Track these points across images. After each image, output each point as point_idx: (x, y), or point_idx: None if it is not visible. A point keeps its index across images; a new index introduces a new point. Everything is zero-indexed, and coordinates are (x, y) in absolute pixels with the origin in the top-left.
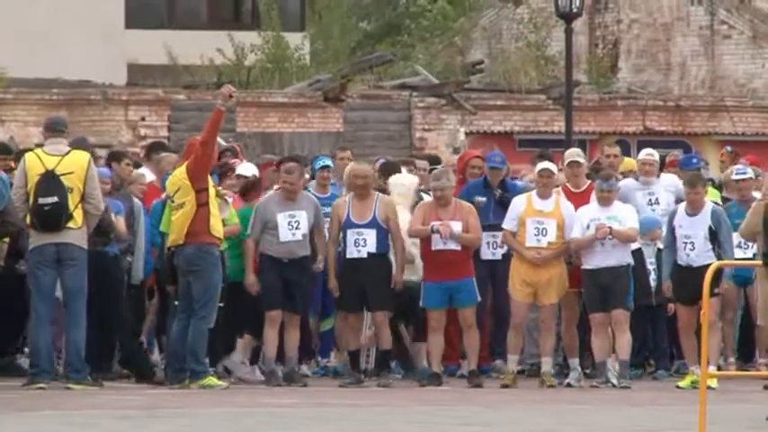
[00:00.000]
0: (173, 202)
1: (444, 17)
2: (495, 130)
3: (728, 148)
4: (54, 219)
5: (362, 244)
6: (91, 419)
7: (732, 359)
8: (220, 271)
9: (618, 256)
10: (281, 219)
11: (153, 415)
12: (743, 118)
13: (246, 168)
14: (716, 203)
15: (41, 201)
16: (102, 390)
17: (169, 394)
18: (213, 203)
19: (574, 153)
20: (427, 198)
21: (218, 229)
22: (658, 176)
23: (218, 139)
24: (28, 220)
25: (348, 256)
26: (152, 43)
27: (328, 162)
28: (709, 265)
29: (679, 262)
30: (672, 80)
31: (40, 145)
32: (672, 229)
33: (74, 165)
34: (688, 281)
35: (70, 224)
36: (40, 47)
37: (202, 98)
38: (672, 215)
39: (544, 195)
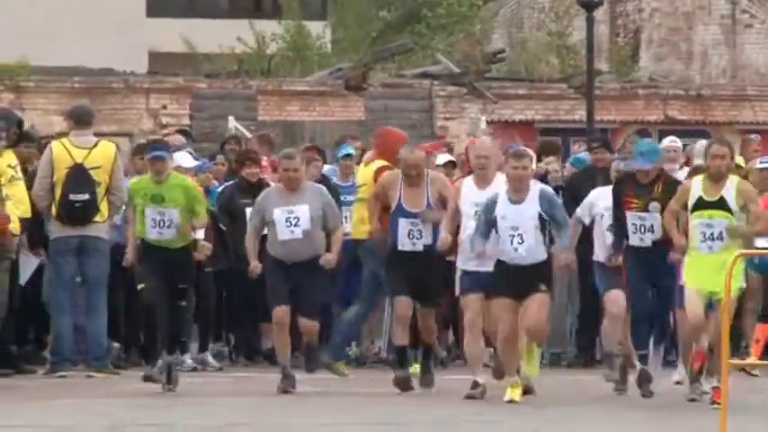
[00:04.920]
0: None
1: (459, 5)
2: (516, 118)
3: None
4: (85, 215)
5: (417, 236)
6: (112, 408)
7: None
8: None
9: None
10: (279, 214)
11: (174, 404)
12: (764, 107)
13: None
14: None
15: (72, 197)
16: (123, 378)
17: (190, 383)
18: None
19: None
20: None
21: None
22: (681, 167)
23: (240, 127)
24: (53, 211)
25: (401, 247)
26: (173, 32)
27: (351, 150)
28: (542, 262)
29: (502, 258)
30: (693, 69)
31: (62, 134)
32: (491, 222)
33: (102, 158)
34: (513, 281)
35: (97, 218)
36: (62, 35)
37: (223, 86)
38: (491, 204)
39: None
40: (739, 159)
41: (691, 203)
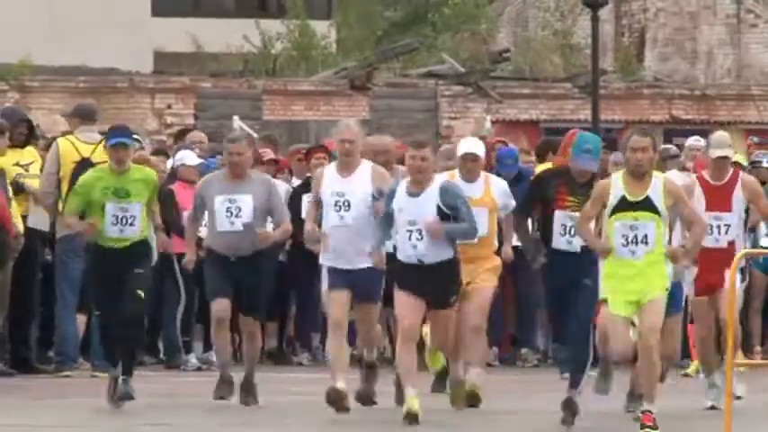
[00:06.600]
0: None
1: (465, 4)
2: (521, 118)
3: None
4: None
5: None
6: (117, 407)
7: (758, 348)
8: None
9: None
10: (219, 203)
11: (179, 403)
12: None
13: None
14: None
15: None
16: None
17: (194, 382)
18: None
19: (722, 142)
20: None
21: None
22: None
23: (244, 126)
24: (60, 207)
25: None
26: (178, 31)
27: None
28: (448, 261)
29: (403, 258)
30: (698, 69)
31: (67, 132)
32: (389, 216)
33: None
34: (415, 277)
35: None
36: (67, 34)
37: (228, 86)
38: (389, 197)
39: (470, 179)
40: (739, 157)
41: (611, 204)
